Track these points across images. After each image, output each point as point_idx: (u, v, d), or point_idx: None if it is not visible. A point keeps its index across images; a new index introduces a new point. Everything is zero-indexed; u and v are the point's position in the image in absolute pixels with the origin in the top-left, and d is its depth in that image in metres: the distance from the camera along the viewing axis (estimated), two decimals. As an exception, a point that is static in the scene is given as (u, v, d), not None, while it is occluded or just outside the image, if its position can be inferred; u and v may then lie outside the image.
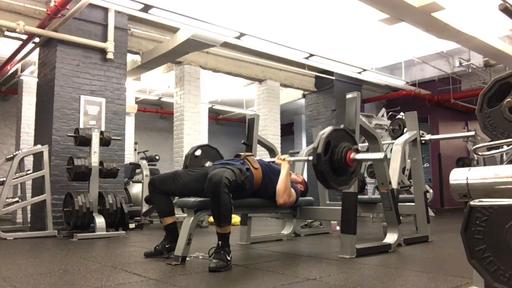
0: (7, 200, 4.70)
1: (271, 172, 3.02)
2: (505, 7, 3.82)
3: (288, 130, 12.24)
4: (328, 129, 2.59)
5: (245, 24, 5.59)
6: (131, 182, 6.73)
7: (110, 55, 5.31)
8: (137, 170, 6.76)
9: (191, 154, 3.50)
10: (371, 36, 6.50)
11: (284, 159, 3.05)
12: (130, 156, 7.78)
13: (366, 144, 4.65)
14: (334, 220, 4.58)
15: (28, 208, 5.31)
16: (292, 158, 3.18)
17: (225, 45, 6.36)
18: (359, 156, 2.57)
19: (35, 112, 5.61)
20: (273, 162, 3.24)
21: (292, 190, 3.03)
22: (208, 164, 3.40)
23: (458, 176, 1.39)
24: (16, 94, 7.74)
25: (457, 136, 5.88)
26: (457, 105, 9.85)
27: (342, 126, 2.83)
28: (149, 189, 2.98)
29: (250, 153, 3.12)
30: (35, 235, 4.42)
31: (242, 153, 3.10)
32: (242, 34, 5.64)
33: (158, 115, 12.03)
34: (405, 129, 4.17)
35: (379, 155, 2.67)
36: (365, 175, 7.37)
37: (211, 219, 3.73)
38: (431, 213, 5.20)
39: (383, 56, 7.75)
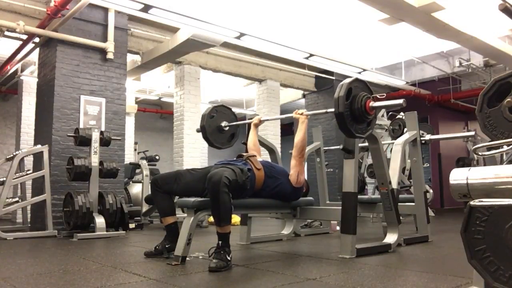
0: (7, 200, 4.70)
1: (274, 172, 3.02)
2: (505, 7, 3.83)
3: (288, 130, 12.21)
4: (349, 78, 2.75)
5: (245, 24, 5.58)
6: (131, 182, 6.73)
7: (110, 55, 5.31)
8: (137, 170, 6.76)
9: (207, 114, 3.53)
10: (371, 36, 6.50)
11: (302, 113, 3.14)
12: (130, 156, 7.77)
13: (366, 144, 4.66)
14: (334, 220, 4.58)
15: (28, 208, 5.31)
16: (310, 112, 3.24)
17: (225, 45, 6.36)
18: (377, 103, 2.71)
19: (35, 112, 5.61)
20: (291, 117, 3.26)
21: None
22: (224, 123, 3.60)
23: (458, 176, 1.39)
24: (16, 94, 7.74)
25: (457, 136, 5.88)
26: (457, 105, 9.85)
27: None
28: (151, 188, 2.97)
29: (253, 154, 3.11)
30: (35, 235, 4.42)
31: (245, 154, 3.10)
32: (242, 34, 5.63)
33: (158, 115, 12.03)
34: (405, 129, 4.17)
35: (398, 101, 2.75)
36: (365, 175, 7.38)
37: (211, 219, 3.73)
38: (431, 213, 5.19)
39: (383, 56, 7.76)
